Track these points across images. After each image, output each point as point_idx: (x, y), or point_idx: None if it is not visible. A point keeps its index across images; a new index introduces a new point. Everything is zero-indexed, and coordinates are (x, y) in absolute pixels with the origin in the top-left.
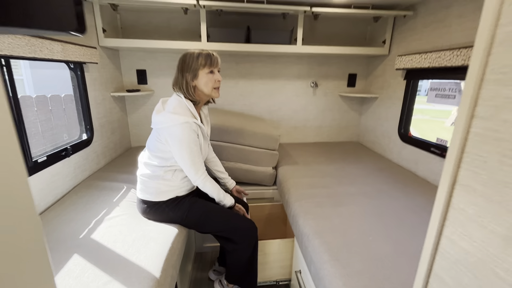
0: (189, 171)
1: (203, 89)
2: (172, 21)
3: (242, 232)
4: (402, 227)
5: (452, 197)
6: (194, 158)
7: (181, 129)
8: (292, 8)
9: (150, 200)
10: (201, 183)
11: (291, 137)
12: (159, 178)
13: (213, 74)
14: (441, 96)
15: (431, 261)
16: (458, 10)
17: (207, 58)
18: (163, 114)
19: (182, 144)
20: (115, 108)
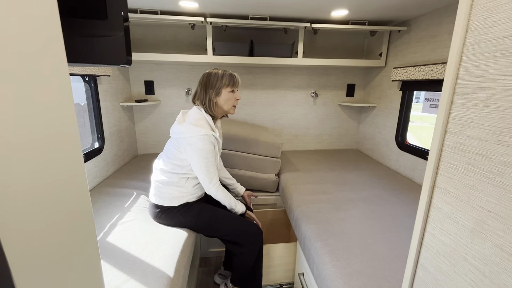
0: (204, 179)
1: (223, 105)
2: (179, 35)
3: (249, 236)
4: (399, 231)
5: (433, 198)
6: (210, 168)
7: (201, 140)
8: (293, 24)
9: (162, 204)
10: (214, 192)
11: (293, 144)
12: (173, 184)
13: (233, 93)
14: (435, 106)
15: (417, 254)
16: (448, 27)
17: (230, 79)
18: (184, 126)
19: (200, 154)
20: (124, 118)
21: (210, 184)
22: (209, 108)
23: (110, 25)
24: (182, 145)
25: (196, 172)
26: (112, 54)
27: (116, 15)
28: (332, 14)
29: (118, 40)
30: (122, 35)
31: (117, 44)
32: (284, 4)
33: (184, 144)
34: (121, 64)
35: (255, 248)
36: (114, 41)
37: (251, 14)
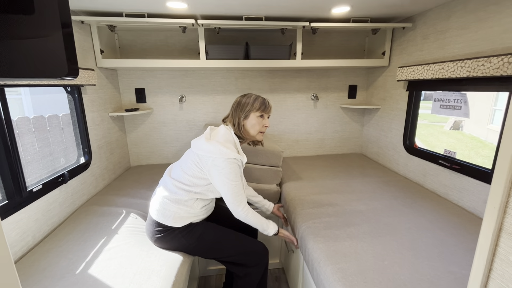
0: (233, 203)
1: (249, 130)
2: (170, 40)
3: (255, 255)
4: (417, 248)
5: (498, 245)
6: (238, 191)
7: (229, 164)
8: (291, 24)
9: (165, 224)
10: (243, 216)
11: (293, 150)
12: (181, 203)
13: (262, 118)
14: (446, 107)
15: None
16: (458, 22)
17: (262, 104)
18: (213, 144)
19: (228, 177)
20: (114, 128)
21: (239, 207)
22: (238, 129)
23: (39, 22)
24: (205, 164)
25: (223, 196)
26: (44, 63)
27: (48, 7)
28: (333, 12)
29: (53, 43)
30: (58, 36)
31: (51, 48)
32: (281, 3)
33: (209, 164)
34: (61, 77)
35: (261, 268)
36: (47, 45)
37: (245, 14)
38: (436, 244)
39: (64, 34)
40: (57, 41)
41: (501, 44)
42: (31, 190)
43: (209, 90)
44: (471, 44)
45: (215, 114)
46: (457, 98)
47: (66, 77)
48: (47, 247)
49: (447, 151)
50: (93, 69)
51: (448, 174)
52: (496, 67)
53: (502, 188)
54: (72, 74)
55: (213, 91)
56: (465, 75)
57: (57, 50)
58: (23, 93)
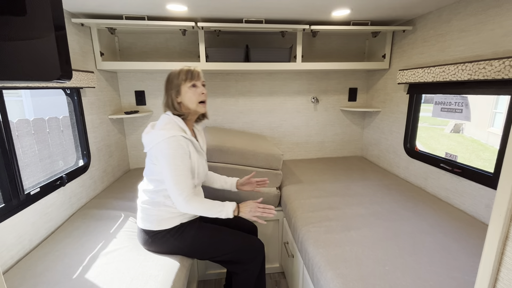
0: (173, 191)
1: (188, 104)
2: (171, 42)
3: (252, 251)
4: (419, 253)
5: (504, 254)
6: (179, 176)
7: (167, 143)
8: (291, 26)
9: (151, 229)
10: (184, 206)
11: (294, 153)
12: (160, 204)
13: (196, 87)
14: (447, 110)
15: None
16: (459, 25)
17: (187, 73)
18: (151, 133)
19: (167, 159)
20: (113, 131)
21: (180, 197)
22: (174, 108)
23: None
24: (154, 155)
25: (166, 183)
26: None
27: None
28: (333, 15)
29: (46, 45)
30: (51, 38)
31: (44, 51)
32: (281, 5)
33: (156, 153)
34: (53, 79)
35: (258, 263)
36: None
37: (245, 17)
38: (438, 249)
39: (57, 36)
40: (49, 43)
41: (502, 47)
42: (29, 193)
43: (209, 92)
44: (472, 47)
45: (215, 117)
46: (458, 101)
47: (58, 80)
48: (44, 251)
49: (448, 154)
50: (92, 72)
51: (449, 177)
52: (498, 70)
53: (508, 195)
54: (65, 77)
55: (213, 93)
56: (466, 78)
57: (50, 53)
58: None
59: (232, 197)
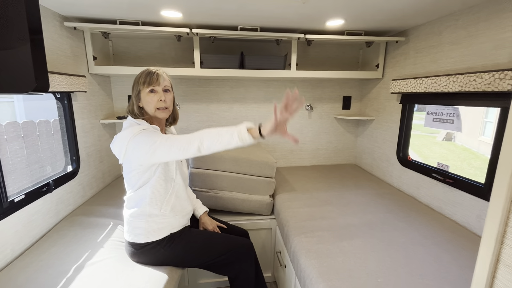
0: (180, 150)
1: (147, 109)
2: (165, 48)
3: (243, 248)
4: (411, 265)
5: (495, 278)
6: (167, 139)
7: (138, 136)
8: (286, 35)
9: (139, 242)
10: (166, 148)
11: (288, 160)
12: (147, 215)
13: (154, 93)
14: (438, 121)
15: None
16: (450, 37)
17: (146, 76)
18: (115, 139)
19: (147, 142)
20: (105, 136)
21: (191, 146)
22: (134, 114)
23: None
24: (128, 160)
25: (162, 156)
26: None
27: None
28: (327, 24)
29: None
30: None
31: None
32: (276, 14)
33: (129, 156)
34: (27, 92)
35: (251, 261)
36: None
37: (240, 25)
38: (430, 260)
39: (32, 47)
40: (24, 53)
41: (492, 60)
42: (12, 201)
43: (203, 98)
44: (463, 59)
45: (209, 122)
46: (449, 112)
47: (33, 92)
48: (26, 261)
49: (440, 164)
50: (84, 76)
51: (441, 187)
52: (488, 82)
53: (499, 218)
54: (40, 89)
55: (208, 99)
56: (457, 90)
57: (24, 63)
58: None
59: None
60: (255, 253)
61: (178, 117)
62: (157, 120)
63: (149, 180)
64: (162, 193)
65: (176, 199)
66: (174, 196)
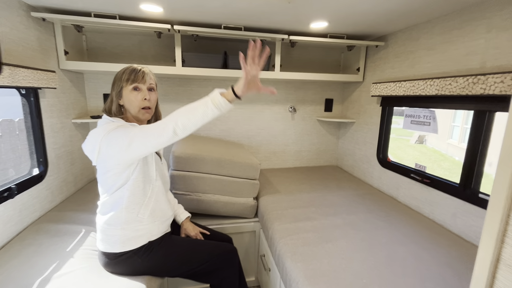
0: (154, 137)
1: (129, 109)
2: (145, 45)
3: (227, 254)
4: (393, 264)
5: (496, 278)
6: (141, 129)
7: (114, 132)
8: (270, 35)
9: (114, 252)
10: (142, 138)
11: (271, 162)
12: (123, 222)
13: (138, 91)
14: (416, 123)
15: None
16: (427, 43)
17: (131, 73)
18: (87, 138)
19: (123, 136)
20: (77, 136)
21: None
22: (113, 113)
23: None
24: (103, 163)
25: (139, 147)
26: None
27: None
28: (311, 26)
29: None
30: None
31: None
32: (261, 14)
33: (103, 158)
34: None
35: (235, 267)
36: None
37: (224, 23)
38: (411, 259)
39: None
40: None
41: (465, 66)
42: None
43: (184, 98)
44: (438, 65)
45: None
46: (426, 114)
47: None
48: None
49: (418, 165)
50: (54, 71)
51: (419, 187)
52: (462, 86)
53: (499, 216)
54: None
55: (189, 99)
56: (434, 93)
57: None
58: None
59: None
60: (239, 259)
61: (161, 118)
62: (138, 121)
63: (126, 181)
64: (141, 196)
65: (156, 203)
66: (154, 199)
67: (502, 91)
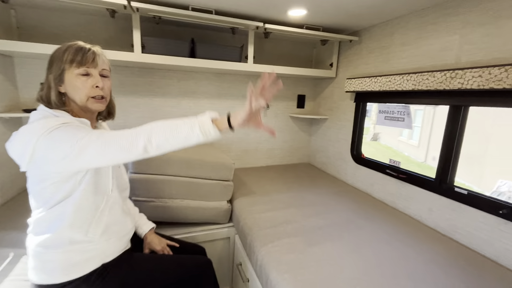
0: (118, 150)
1: (74, 97)
2: (95, 25)
3: (202, 270)
4: (382, 266)
5: None
6: (99, 136)
7: (56, 132)
8: (245, 22)
9: (53, 283)
10: (99, 147)
11: (243, 161)
12: (66, 243)
13: (87, 77)
14: (390, 119)
15: None
16: (401, 39)
17: (76, 53)
18: (15, 136)
19: (68, 140)
20: (5, 135)
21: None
22: (51, 103)
23: None
24: (38, 170)
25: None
26: None
27: None
28: (289, 14)
29: None
30: None
31: None
32: None
33: (37, 164)
34: None
35: (211, 283)
36: None
37: (192, 4)
38: (398, 258)
39: None
40: None
41: (440, 61)
42: None
43: (145, 91)
44: (413, 60)
45: (152, 119)
46: (400, 110)
47: None
48: None
49: (392, 161)
50: None
51: (394, 183)
52: (440, 81)
53: None
54: None
55: (150, 92)
56: (411, 88)
57: None
58: None
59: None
60: (214, 272)
61: (115, 110)
62: (87, 113)
63: (71, 194)
64: (90, 211)
65: (111, 217)
66: (108, 212)
67: (480, 86)
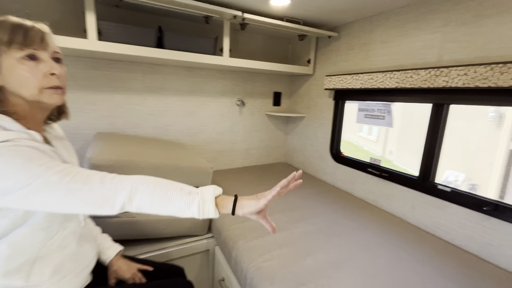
0: (13, 192)
1: (18, 91)
2: (37, 6)
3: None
4: (380, 274)
5: None
6: (63, 176)
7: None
8: (221, 10)
9: None
10: (60, 194)
11: (218, 163)
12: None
13: (36, 61)
14: (370, 117)
15: None
16: (381, 36)
17: (15, 31)
18: None
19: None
20: None
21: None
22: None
23: None
24: None
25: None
26: None
27: None
28: (271, 3)
29: None
30: None
31: None
32: None
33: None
34: None
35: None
36: None
37: None
38: (393, 262)
39: None
40: None
41: (422, 59)
42: None
43: (103, 86)
44: (394, 57)
45: (112, 118)
46: (380, 108)
47: None
48: None
49: (373, 159)
50: None
51: (376, 181)
52: (424, 79)
53: None
54: None
55: (109, 87)
56: (394, 86)
57: None
58: None
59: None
60: None
61: (67, 107)
62: (39, 111)
63: (10, 231)
64: (35, 249)
65: (65, 250)
66: (60, 246)
67: (465, 84)
